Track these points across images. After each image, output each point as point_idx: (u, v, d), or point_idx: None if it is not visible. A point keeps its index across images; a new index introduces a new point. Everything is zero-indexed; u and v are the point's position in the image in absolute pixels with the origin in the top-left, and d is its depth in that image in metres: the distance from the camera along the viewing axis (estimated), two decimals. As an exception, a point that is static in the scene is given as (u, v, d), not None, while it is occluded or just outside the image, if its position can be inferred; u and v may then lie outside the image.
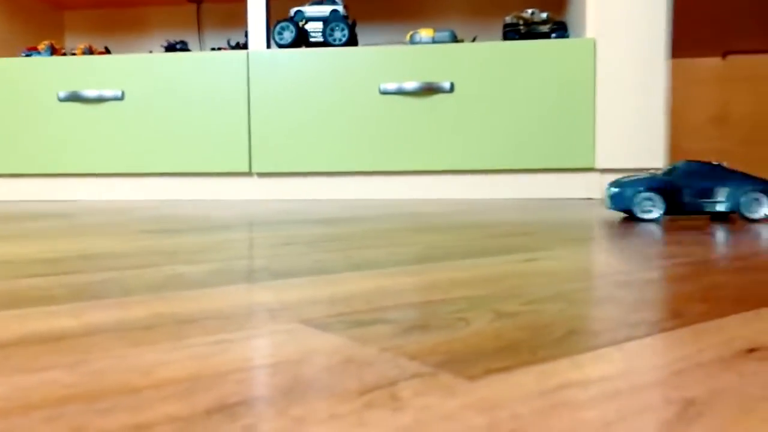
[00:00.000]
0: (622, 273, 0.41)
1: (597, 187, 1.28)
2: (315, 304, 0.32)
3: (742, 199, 0.76)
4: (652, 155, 1.25)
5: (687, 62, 1.15)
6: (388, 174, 1.33)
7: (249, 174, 1.35)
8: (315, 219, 0.82)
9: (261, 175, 1.35)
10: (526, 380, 0.21)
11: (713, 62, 1.14)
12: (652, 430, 0.17)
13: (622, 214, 0.88)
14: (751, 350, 0.24)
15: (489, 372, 0.21)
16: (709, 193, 0.77)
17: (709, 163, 0.79)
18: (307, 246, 0.55)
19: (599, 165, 1.26)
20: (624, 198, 0.78)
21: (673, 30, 1.15)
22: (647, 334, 0.26)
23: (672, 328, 0.27)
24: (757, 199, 0.76)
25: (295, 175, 1.35)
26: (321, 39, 1.34)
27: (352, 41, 1.35)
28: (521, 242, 0.57)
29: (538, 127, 1.27)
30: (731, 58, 1.14)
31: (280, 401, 0.19)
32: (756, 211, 0.76)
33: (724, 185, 0.77)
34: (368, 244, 0.56)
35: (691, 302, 0.32)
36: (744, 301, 0.32)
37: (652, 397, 0.19)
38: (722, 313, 0.30)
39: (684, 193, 0.77)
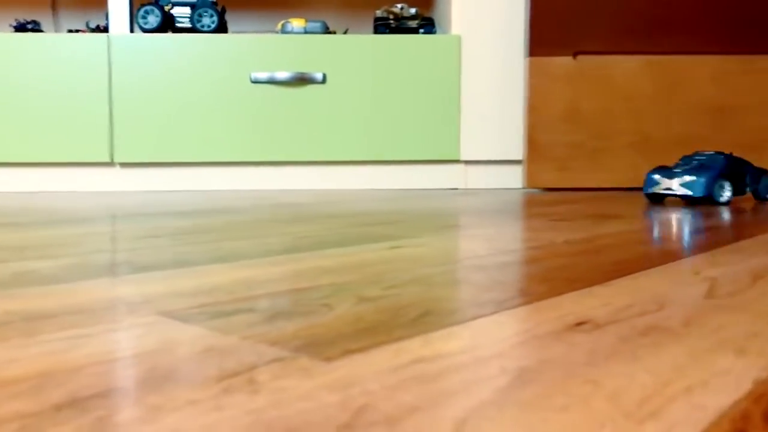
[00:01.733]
0: (478, 257, 0.44)
1: (461, 177, 1.34)
2: (177, 297, 0.32)
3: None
4: (511, 148, 1.32)
5: (542, 61, 1.23)
6: (258, 165, 1.32)
7: (111, 164, 1.29)
8: (180, 211, 0.80)
9: (124, 165, 1.29)
10: (380, 359, 0.22)
11: (565, 61, 1.23)
12: (488, 396, 0.19)
13: (489, 203, 0.93)
14: (580, 323, 0.27)
15: (346, 353, 0.23)
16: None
17: (730, 154, 0.94)
18: (172, 238, 0.54)
19: (464, 157, 1.32)
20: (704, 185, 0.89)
21: (530, 30, 1.22)
22: (494, 312, 0.29)
23: (515, 306, 0.30)
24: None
25: (161, 165, 1.30)
26: (189, 25, 1.30)
27: (221, 28, 1.32)
28: (387, 231, 0.59)
29: (407, 119, 1.30)
30: (581, 57, 1.24)
31: (137, 392, 0.19)
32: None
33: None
34: (235, 235, 0.56)
35: (535, 282, 0.35)
36: (579, 281, 0.36)
37: (490, 368, 0.21)
38: (560, 292, 0.33)
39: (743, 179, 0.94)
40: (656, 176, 0.94)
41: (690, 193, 0.89)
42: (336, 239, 0.53)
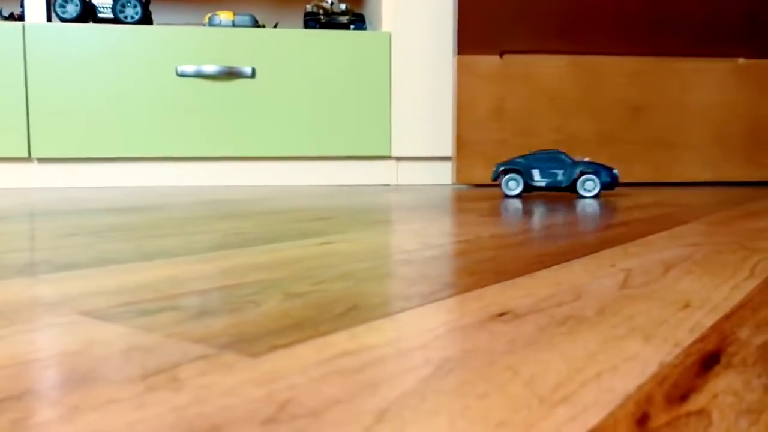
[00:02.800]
0: (406, 252, 0.44)
1: (393, 173, 1.35)
2: (99, 296, 0.31)
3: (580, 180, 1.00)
4: (442, 145, 1.34)
5: (470, 59, 1.25)
6: (186, 160, 1.29)
7: (28, 159, 1.23)
8: (105, 208, 0.77)
9: (42, 160, 1.24)
10: (306, 353, 0.22)
11: (492, 60, 1.26)
12: (410, 386, 0.19)
13: (419, 198, 0.94)
14: (502, 314, 0.28)
15: (272, 348, 0.23)
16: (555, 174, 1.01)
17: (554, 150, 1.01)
18: (94, 236, 0.52)
19: (395, 153, 1.33)
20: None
21: (458, 29, 1.25)
22: (419, 305, 0.29)
23: (441, 299, 0.30)
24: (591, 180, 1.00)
25: (82, 161, 1.25)
26: (110, 15, 1.25)
27: (145, 20, 1.28)
28: (319, 227, 0.59)
29: (337, 115, 1.30)
30: (507, 57, 1.27)
31: (54, 393, 0.18)
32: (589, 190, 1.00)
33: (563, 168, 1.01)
34: (162, 232, 0.55)
35: (461, 275, 0.36)
36: (503, 273, 0.37)
37: (414, 359, 0.22)
38: (484, 284, 0.34)
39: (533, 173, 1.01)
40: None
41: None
42: (266, 236, 0.53)
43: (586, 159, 1.02)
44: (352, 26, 1.37)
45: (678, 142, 1.33)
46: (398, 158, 1.35)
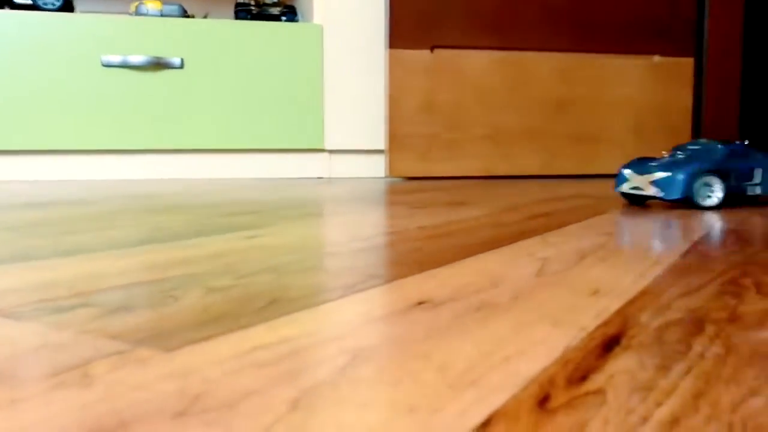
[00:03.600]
0: (333, 245, 0.45)
1: (326, 166, 1.35)
2: (11, 293, 0.30)
3: None
4: (375, 138, 1.35)
5: (401, 53, 1.26)
6: (114, 153, 1.25)
7: (-60, 152, 1.17)
8: (25, 202, 0.74)
9: (-44, 153, 1.17)
10: (222, 347, 0.22)
11: (423, 54, 1.27)
12: (325, 376, 0.19)
13: (351, 191, 0.94)
14: (421, 303, 0.29)
15: (189, 343, 0.23)
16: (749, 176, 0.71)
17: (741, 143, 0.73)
18: (12, 231, 0.50)
19: (328, 146, 1.33)
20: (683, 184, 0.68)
21: (389, 23, 1.25)
22: (341, 297, 0.30)
23: (364, 290, 0.31)
24: None
25: (1, 153, 1.19)
26: (29, 1, 1.20)
27: (67, 7, 1.23)
28: (248, 220, 0.58)
29: (270, 108, 1.29)
30: (438, 51, 1.28)
31: (-45, 394, 0.18)
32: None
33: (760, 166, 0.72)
34: (85, 227, 0.53)
35: (385, 266, 0.37)
36: (426, 263, 0.38)
37: (330, 349, 0.22)
38: (406, 274, 0.35)
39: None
40: (626, 171, 0.74)
41: (662, 194, 0.69)
42: (193, 230, 0.52)
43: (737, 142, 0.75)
44: (283, 18, 1.36)
45: (599, 136, 1.38)
46: (331, 151, 1.34)
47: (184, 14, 1.30)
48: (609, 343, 0.23)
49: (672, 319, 0.26)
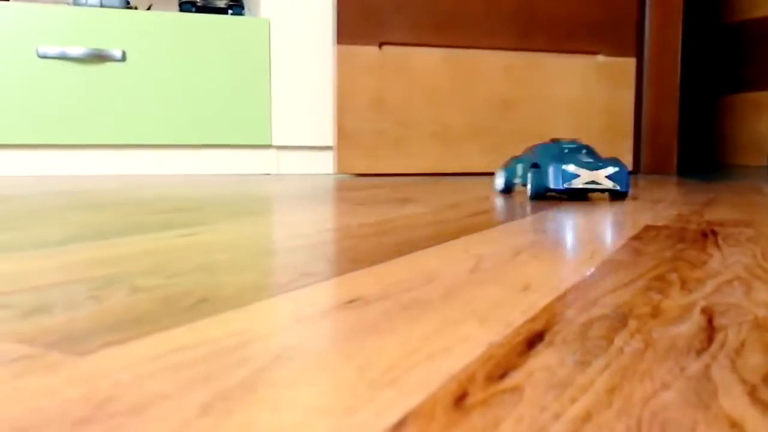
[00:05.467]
0: (270, 243, 0.44)
1: (274, 163, 1.34)
2: None
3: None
4: (323, 134, 1.34)
5: (349, 49, 1.26)
6: (49, 147, 1.21)
7: None
8: (-50, 199, 0.71)
9: None
10: (140, 349, 0.21)
11: (371, 51, 1.27)
12: (242, 378, 0.19)
13: (297, 188, 0.93)
14: (351, 301, 0.28)
15: (104, 346, 0.22)
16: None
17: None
18: (-70, 230, 0.48)
19: (275, 142, 1.31)
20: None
21: (337, 18, 1.25)
22: (272, 296, 0.29)
23: (295, 288, 0.30)
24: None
25: (-71, 148, 1.14)
26: (-42, -11, 1.15)
27: (-1, -5, 1.19)
28: (185, 218, 0.57)
29: (216, 103, 1.27)
30: (386, 48, 1.28)
31: None
32: None
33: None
34: (6, 226, 0.51)
35: (319, 264, 0.36)
36: (362, 261, 0.37)
37: (253, 350, 0.22)
38: (341, 272, 0.34)
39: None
40: (571, 167, 0.76)
41: (618, 187, 0.77)
42: (125, 228, 0.50)
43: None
44: (229, 11, 1.34)
45: (544, 134, 1.40)
46: (279, 147, 1.33)
47: (126, 5, 1.26)
48: (533, 339, 0.23)
49: (597, 315, 0.27)
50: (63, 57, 1.17)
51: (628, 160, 1.48)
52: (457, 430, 0.16)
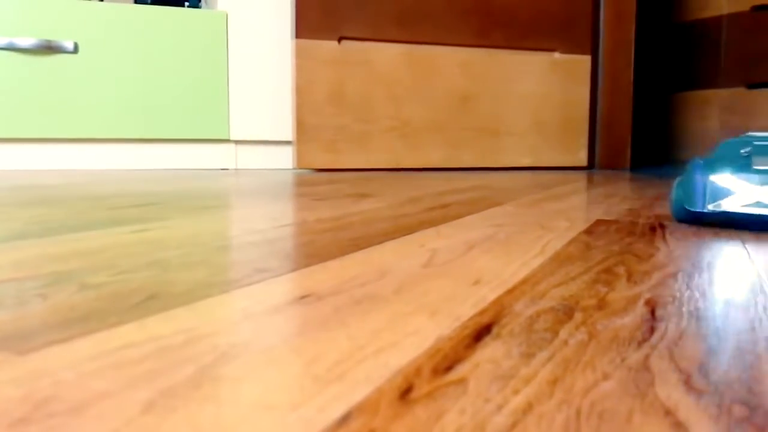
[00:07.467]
0: (225, 238, 0.43)
1: (232, 157, 1.32)
2: None
3: None
4: (282, 129, 1.33)
5: (308, 43, 1.25)
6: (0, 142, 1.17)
7: None
8: None
9: None
10: (83, 347, 0.21)
11: (331, 45, 1.27)
12: (187, 375, 0.19)
13: (255, 183, 0.92)
14: (304, 296, 0.28)
15: (47, 344, 0.21)
16: None
17: None
18: None
19: (234, 137, 1.30)
20: None
21: (296, 12, 1.24)
22: (223, 292, 0.29)
23: (248, 284, 0.30)
24: None
25: None
26: None
27: (-57, -17, 1.14)
28: (138, 213, 0.56)
29: (172, 96, 1.25)
30: (345, 43, 1.28)
31: None
32: None
33: None
34: (-46, 222, 0.49)
35: (274, 260, 0.36)
36: (317, 256, 0.37)
37: (200, 347, 0.21)
38: (295, 268, 0.34)
39: None
40: (724, 178, 0.49)
41: None
42: (73, 224, 0.49)
43: None
44: (186, 3, 1.32)
45: (501, 130, 1.42)
46: (237, 142, 1.32)
47: (78, -4, 1.23)
48: (480, 332, 0.24)
49: (544, 308, 0.27)
50: (11, 48, 1.14)
51: (582, 156, 1.51)
52: (400, 423, 0.16)
